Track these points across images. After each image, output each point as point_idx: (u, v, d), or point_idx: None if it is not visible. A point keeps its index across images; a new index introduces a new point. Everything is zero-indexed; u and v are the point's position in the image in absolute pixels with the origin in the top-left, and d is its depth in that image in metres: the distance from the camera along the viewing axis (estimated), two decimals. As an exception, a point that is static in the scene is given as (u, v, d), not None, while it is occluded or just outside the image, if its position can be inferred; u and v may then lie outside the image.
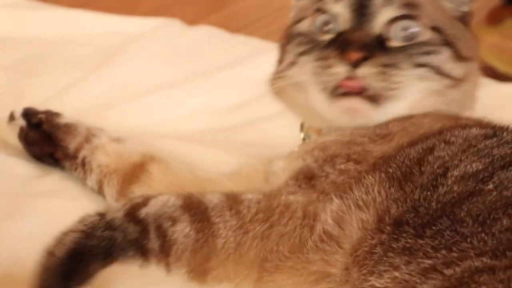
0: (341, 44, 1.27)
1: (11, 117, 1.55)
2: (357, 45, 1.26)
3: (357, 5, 1.30)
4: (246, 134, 1.77)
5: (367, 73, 1.25)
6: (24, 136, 1.54)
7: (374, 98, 1.26)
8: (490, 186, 1.08)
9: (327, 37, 1.31)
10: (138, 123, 1.78)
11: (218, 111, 1.87)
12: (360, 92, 1.26)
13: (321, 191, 1.17)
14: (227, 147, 1.69)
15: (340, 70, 1.26)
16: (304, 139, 1.41)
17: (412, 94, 1.28)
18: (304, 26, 1.35)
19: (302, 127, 1.43)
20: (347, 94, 1.26)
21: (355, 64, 1.24)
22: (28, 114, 1.53)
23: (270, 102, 1.90)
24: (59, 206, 1.43)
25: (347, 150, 1.22)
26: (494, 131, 1.20)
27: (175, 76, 1.98)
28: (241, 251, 1.14)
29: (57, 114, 1.54)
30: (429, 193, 1.09)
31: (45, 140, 1.52)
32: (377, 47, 1.27)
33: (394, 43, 1.28)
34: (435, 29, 1.31)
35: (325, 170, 1.20)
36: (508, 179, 1.08)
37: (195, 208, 1.15)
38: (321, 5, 1.33)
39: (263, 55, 2.09)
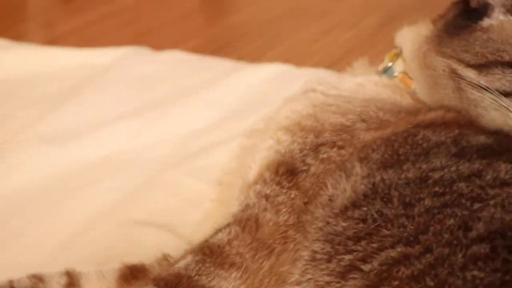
0: None
1: None
2: None
3: None
4: (211, 157, 1.76)
5: None
6: None
7: None
8: (437, 174, 1.01)
9: None
10: (103, 153, 1.80)
11: (183, 136, 1.88)
12: None
13: (303, 190, 1.11)
14: (192, 172, 1.70)
15: None
16: (385, 70, 1.28)
17: None
18: None
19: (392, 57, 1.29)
20: None
21: None
22: None
23: (234, 123, 1.92)
24: None
25: (336, 136, 1.15)
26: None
27: (140, 104, 2.00)
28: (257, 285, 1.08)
29: None
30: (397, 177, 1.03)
31: None
32: None
33: None
34: None
35: (307, 162, 1.13)
36: (458, 170, 1.01)
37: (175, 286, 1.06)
38: None
39: (229, 77, 2.11)
